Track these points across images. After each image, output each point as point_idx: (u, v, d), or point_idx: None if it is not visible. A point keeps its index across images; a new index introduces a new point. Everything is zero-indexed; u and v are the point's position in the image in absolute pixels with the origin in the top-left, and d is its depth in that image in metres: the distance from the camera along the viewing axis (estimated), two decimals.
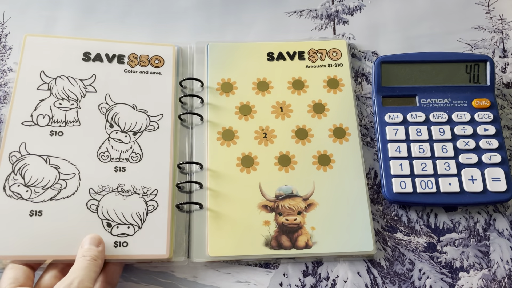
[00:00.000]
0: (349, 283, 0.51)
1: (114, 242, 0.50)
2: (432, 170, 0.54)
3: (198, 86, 0.60)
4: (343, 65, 0.61)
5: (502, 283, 0.51)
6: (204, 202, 0.53)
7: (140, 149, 0.55)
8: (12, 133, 0.53)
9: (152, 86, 0.58)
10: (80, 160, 0.53)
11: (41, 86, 0.56)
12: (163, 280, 0.51)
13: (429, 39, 0.64)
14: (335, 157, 0.56)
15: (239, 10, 0.66)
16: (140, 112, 0.56)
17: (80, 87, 0.57)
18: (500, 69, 0.62)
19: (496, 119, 0.56)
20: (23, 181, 0.51)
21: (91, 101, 0.56)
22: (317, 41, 0.63)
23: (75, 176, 0.52)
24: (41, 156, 0.53)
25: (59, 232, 0.49)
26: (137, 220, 0.51)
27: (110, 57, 0.59)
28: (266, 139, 0.57)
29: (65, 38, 0.60)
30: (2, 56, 0.63)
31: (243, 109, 0.58)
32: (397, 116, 0.56)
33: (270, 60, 0.61)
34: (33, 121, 0.54)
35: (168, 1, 0.67)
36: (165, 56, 0.60)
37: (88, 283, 0.43)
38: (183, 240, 0.52)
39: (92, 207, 0.51)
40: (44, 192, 0.51)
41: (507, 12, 0.66)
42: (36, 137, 0.53)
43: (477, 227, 0.54)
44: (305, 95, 0.59)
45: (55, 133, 0.54)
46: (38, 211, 0.50)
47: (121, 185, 0.52)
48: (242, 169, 0.55)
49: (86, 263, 0.45)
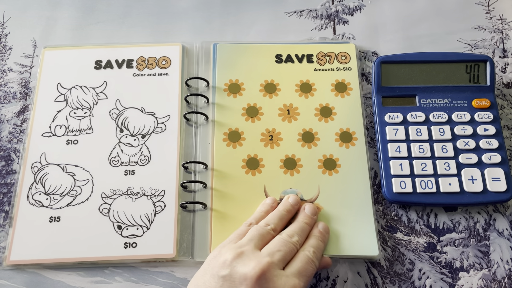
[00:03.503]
0: (349, 283, 0.51)
1: (124, 244, 0.51)
2: (432, 170, 0.54)
3: (203, 86, 0.60)
4: (351, 69, 0.61)
5: (502, 283, 0.51)
6: (207, 202, 0.53)
7: (148, 151, 0.56)
8: (33, 145, 0.57)
9: (160, 87, 0.59)
10: (93, 166, 0.55)
11: (58, 98, 0.59)
12: (163, 280, 0.51)
13: (429, 39, 0.64)
14: (341, 161, 0.55)
15: (239, 10, 0.66)
16: (148, 115, 0.58)
17: (92, 95, 0.59)
18: (500, 69, 0.62)
19: (496, 119, 0.56)
20: (44, 190, 0.54)
21: (102, 108, 0.58)
22: (326, 44, 0.62)
23: (89, 182, 0.54)
24: (59, 165, 0.55)
25: (75, 236, 0.52)
26: (145, 221, 0.52)
27: (119, 63, 0.61)
28: (272, 142, 0.56)
29: (78, 48, 0.62)
30: (2, 56, 0.63)
31: (250, 111, 0.58)
32: (397, 116, 0.56)
33: (279, 62, 0.61)
34: (52, 132, 0.57)
35: (168, 1, 0.67)
36: (171, 56, 0.61)
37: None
38: (188, 239, 0.52)
39: (104, 210, 0.53)
40: (62, 199, 0.54)
41: (507, 12, 0.66)
42: (54, 147, 0.56)
43: (477, 227, 0.54)
44: (312, 98, 0.59)
45: (70, 142, 0.56)
46: (56, 217, 0.53)
47: (130, 188, 0.54)
48: (248, 171, 0.55)
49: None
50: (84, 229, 0.52)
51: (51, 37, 0.64)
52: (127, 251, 0.51)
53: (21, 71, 0.62)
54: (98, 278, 0.51)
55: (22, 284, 0.50)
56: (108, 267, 0.51)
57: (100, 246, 0.51)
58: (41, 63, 0.61)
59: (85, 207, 0.53)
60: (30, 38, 0.64)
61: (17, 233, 0.52)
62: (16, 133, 0.58)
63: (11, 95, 0.61)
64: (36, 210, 0.53)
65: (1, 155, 0.57)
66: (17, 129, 0.59)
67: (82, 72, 0.60)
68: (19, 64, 0.63)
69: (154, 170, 0.55)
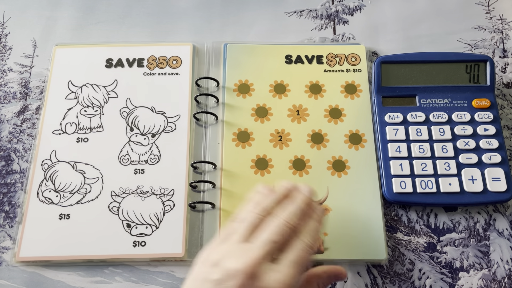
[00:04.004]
0: (349, 283, 0.51)
1: (133, 242, 0.51)
2: (432, 170, 0.54)
3: (213, 86, 0.60)
4: (361, 70, 0.61)
5: (502, 283, 0.51)
6: (216, 201, 0.54)
7: (158, 151, 0.56)
8: (44, 142, 0.56)
9: (170, 87, 0.59)
10: (103, 164, 0.55)
11: (68, 96, 0.59)
12: (163, 280, 0.51)
13: (429, 39, 0.64)
14: (350, 163, 0.55)
15: (239, 10, 0.66)
16: (158, 114, 0.58)
17: (103, 94, 0.59)
18: (500, 69, 0.62)
19: (496, 119, 0.56)
20: (54, 187, 0.54)
21: (113, 107, 0.58)
22: (336, 46, 0.62)
23: (99, 180, 0.55)
24: (69, 162, 0.55)
25: (85, 234, 0.52)
26: (154, 220, 0.53)
27: (130, 62, 0.61)
28: (281, 142, 0.56)
29: (90, 47, 0.62)
30: (2, 56, 0.63)
31: (259, 111, 0.58)
32: (397, 116, 0.56)
33: (288, 63, 0.61)
34: (62, 130, 0.57)
35: (168, 1, 0.67)
36: (182, 55, 0.61)
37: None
38: (196, 239, 0.52)
39: (113, 209, 0.53)
40: (71, 196, 0.54)
41: (507, 12, 0.66)
42: (65, 145, 0.56)
43: (477, 227, 0.54)
44: (322, 100, 0.59)
45: (81, 140, 0.56)
46: (66, 214, 0.53)
47: (140, 187, 0.54)
48: (256, 171, 0.55)
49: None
50: (93, 227, 0.52)
51: (51, 37, 0.64)
52: (136, 250, 0.51)
53: (21, 71, 0.62)
54: (98, 278, 0.51)
55: (22, 284, 0.50)
56: (109, 267, 0.51)
57: (109, 244, 0.51)
58: (52, 60, 0.61)
59: (94, 205, 0.53)
60: (30, 38, 0.64)
61: (26, 230, 0.52)
62: (16, 133, 0.58)
63: (11, 95, 0.61)
64: (46, 207, 0.53)
65: (1, 155, 0.57)
66: (17, 129, 0.59)
67: (93, 70, 0.60)
68: (19, 64, 0.62)
69: (163, 169, 0.55)
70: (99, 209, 0.53)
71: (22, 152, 0.57)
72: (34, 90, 0.61)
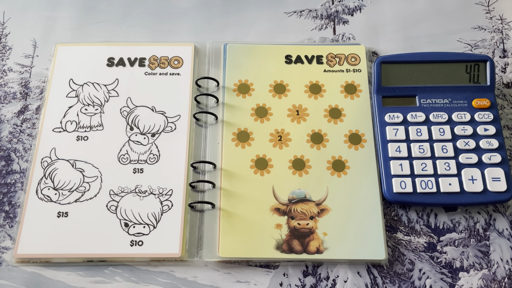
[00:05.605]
0: (349, 283, 0.51)
1: (131, 241, 0.51)
2: (432, 170, 0.54)
3: (213, 86, 0.60)
4: (361, 70, 0.61)
5: (502, 283, 0.51)
6: (216, 201, 0.53)
7: (158, 150, 0.56)
8: (44, 140, 0.56)
9: (171, 87, 0.59)
10: (102, 163, 0.55)
11: (69, 94, 0.59)
12: (163, 280, 0.51)
13: (429, 39, 0.64)
14: (350, 163, 0.55)
15: (239, 10, 0.66)
16: (158, 114, 0.58)
17: (104, 92, 0.59)
18: (500, 69, 0.62)
19: (496, 119, 0.56)
20: (53, 185, 0.54)
21: (113, 106, 0.58)
22: (336, 46, 0.62)
23: (98, 178, 0.55)
24: (68, 160, 0.55)
25: (82, 232, 0.52)
26: (152, 220, 0.53)
27: (132, 61, 0.61)
28: (281, 142, 0.56)
29: (91, 45, 0.62)
30: (2, 56, 0.63)
31: (259, 111, 0.58)
32: (397, 116, 0.56)
33: (288, 63, 0.61)
34: (62, 128, 0.57)
35: (168, 1, 0.67)
36: (184, 56, 0.61)
37: None
38: (196, 239, 0.52)
39: (111, 208, 0.53)
40: (70, 194, 0.54)
41: (507, 12, 0.66)
42: (65, 143, 0.56)
43: (477, 227, 0.54)
44: (321, 100, 0.59)
45: (81, 138, 0.56)
46: (64, 212, 0.53)
47: (138, 186, 0.54)
48: (256, 171, 0.55)
49: None
50: (91, 226, 0.52)
51: (51, 37, 0.64)
52: (133, 249, 0.51)
53: (21, 71, 0.62)
54: (98, 278, 0.51)
55: (22, 284, 0.50)
56: (109, 267, 0.51)
57: (106, 243, 0.51)
58: (54, 58, 0.61)
59: (93, 204, 0.53)
60: (30, 38, 0.64)
61: (24, 227, 0.52)
62: (16, 133, 0.58)
63: (11, 95, 0.61)
64: (45, 204, 0.53)
65: (1, 155, 0.57)
66: (17, 129, 0.59)
67: (94, 69, 0.60)
68: (19, 64, 0.63)
69: (162, 169, 0.55)
70: (97, 208, 0.53)
71: (22, 152, 0.57)
72: (34, 90, 0.61)
